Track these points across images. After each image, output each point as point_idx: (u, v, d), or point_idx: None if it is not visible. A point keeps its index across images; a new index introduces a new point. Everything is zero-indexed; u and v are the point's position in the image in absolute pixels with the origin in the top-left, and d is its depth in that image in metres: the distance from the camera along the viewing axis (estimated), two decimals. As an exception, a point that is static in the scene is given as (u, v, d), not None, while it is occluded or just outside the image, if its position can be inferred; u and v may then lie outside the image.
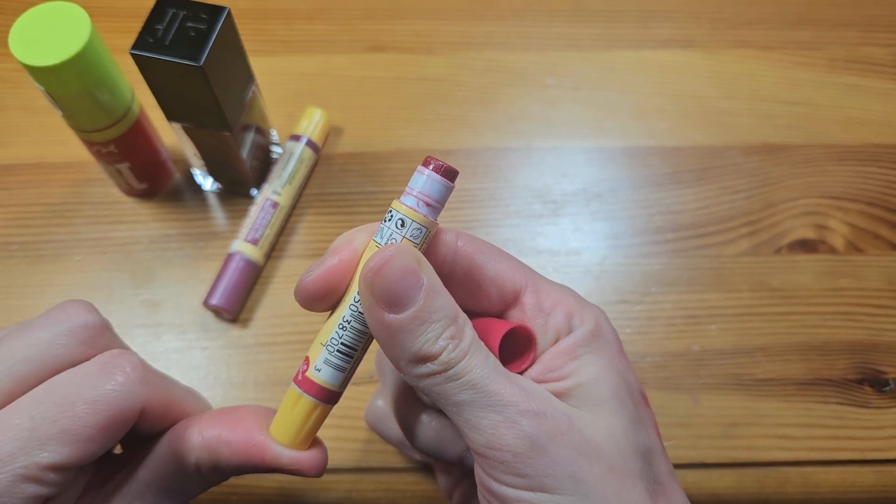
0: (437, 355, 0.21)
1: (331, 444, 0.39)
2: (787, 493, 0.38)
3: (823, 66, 0.51)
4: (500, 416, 0.21)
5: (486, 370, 0.21)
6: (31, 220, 0.45)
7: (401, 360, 0.21)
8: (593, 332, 0.24)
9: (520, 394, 0.21)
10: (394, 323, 0.21)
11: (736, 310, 0.42)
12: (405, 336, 0.21)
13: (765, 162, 0.47)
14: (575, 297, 0.25)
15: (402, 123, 0.48)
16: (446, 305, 0.21)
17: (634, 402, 0.23)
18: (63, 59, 0.34)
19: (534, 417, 0.21)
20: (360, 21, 0.52)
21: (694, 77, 0.50)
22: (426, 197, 0.22)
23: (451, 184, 0.22)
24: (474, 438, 0.21)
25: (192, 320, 0.42)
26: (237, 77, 0.38)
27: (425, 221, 0.22)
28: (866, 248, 0.44)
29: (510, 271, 0.24)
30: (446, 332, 0.21)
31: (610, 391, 0.22)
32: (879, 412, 0.40)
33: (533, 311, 0.24)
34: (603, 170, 0.47)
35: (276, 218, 0.43)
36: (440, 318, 0.21)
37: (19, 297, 0.42)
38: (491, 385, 0.21)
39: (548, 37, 0.52)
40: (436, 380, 0.21)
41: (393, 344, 0.21)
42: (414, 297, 0.21)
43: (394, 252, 0.21)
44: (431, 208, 0.22)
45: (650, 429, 0.23)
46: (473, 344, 0.21)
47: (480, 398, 0.21)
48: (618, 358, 0.24)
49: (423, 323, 0.21)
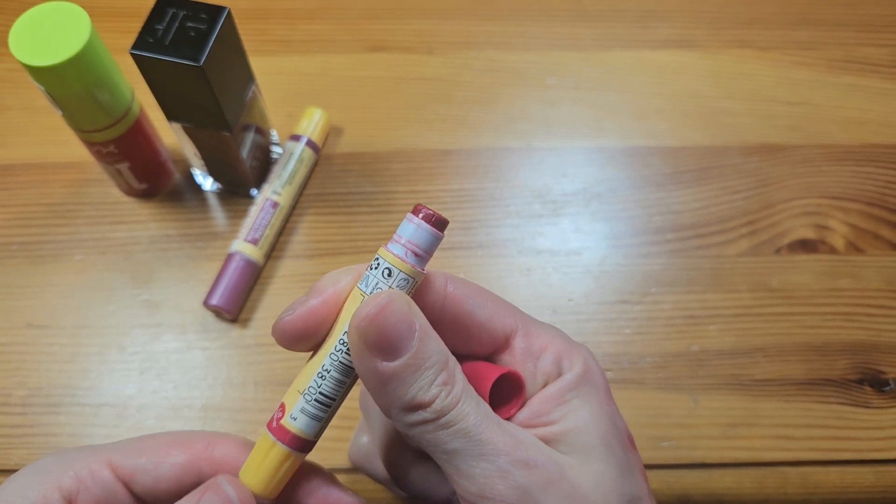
0: (431, 402, 0.20)
1: (330, 444, 0.39)
2: (787, 493, 0.38)
3: (823, 67, 0.51)
4: (492, 465, 0.20)
5: (477, 417, 0.21)
6: (31, 220, 0.45)
7: (392, 409, 0.21)
8: (582, 377, 0.23)
9: (511, 442, 0.21)
10: (387, 371, 0.20)
11: (735, 310, 0.42)
12: (399, 384, 0.20)
13: (764, 162, 0.47)
14: (564, 339, 0.25)
15: (402, 123, 0.48)
16: (438, 349, 0.21)
17: (623, 448, 0.23)
18: (63, 59, 0.34)
19: (525, 467, 0.20)
20: (360, 21, 0.52)
21: (694, 77, 0.50)
22: (414, 247, 0.21)
23: (440, 234, 0.22)
24: (465, 487, 0.21)
25: (192, 320, 0.42)
26: (237, 77, 0.38)
27: (412, 272, 0.21)
28: (866, 248, 0.44)
29: (499, 315, 0.24)
30: (439, 378, 0.20)
31: (599, 438, 0.22)
32: (879, 412, 0.40)
33: (522, 354, 0.24)
34: (603, 170, 0.47)
35: (276, 218, 0.43)
36: (433, 363, 0.21)
37: (19, 297, 0.42)
38: (483, 433, 0.20)
39: (548, 37, 0.52)
40: (427, 427, 0.21)
41: (385, 392, 0.21)
42: (408, 344, 0.20)
43: (387, 299, 0.20)
44: (419, 258, 0.21)
45: (637, 475, 0.23)
46: (465, 389, 0.21)
47: (472, 447, 0.20)
48: (605, 402, 0.24)
49: (416, 370, 0.20)
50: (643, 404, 0.40)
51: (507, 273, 0.43)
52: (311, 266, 0.44)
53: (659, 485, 0.38)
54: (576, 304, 0.43)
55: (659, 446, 0.39)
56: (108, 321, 0.42)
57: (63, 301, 0.42)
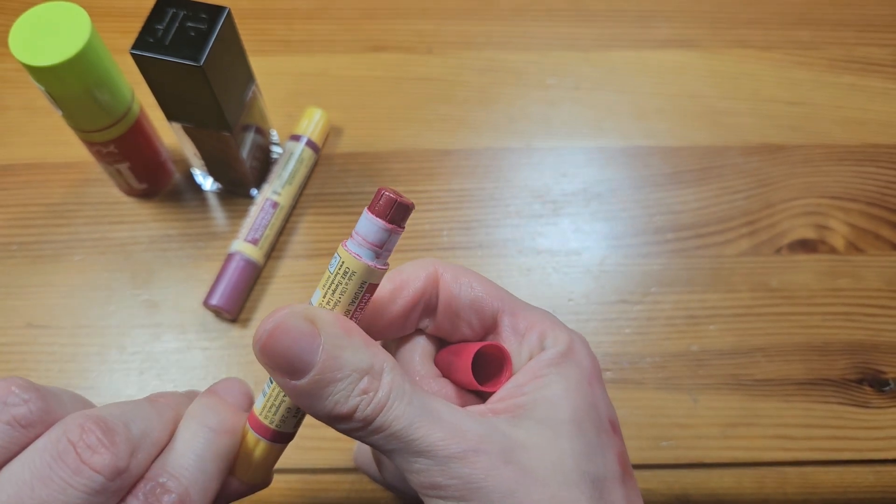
0: (351, 414, 0.20)
1: (330, 444, 0.39)
2: (787, 493, 0.38)
3: (823, 66, 0.51)
4: (430, 460, 0.20)
5: (409, 418, 0.20)
6: (31, 220, 0.45)
7: (319, 418, 0.21)
8: (563, 354, 0.23)
9: (450, 435, 0.20)
10: (297, 388, 0.20)
11: (735, 310, 0.42)
12: (313, 399, 0.20)
13: (764, 162, 0.47)
14: (551, 319, 0.25)
15: (402, 123, 0.48)
16: (354, 359, 0.20)
17: (596, 428, 0.23)
18: (63, 59, 0.34)
19: (463, 457, 0.20)
20: (360, 21, 0.52)
21: (694, 77, 0.50)
22: (360, 237, 0.21)
23: (383, 223, 0.20)
24: (412, 479, 0.21)
25: (192, 320, 0.42)
26: (237, 77, 0.38)
27: (347, 256, 0.21)
28: (866, 248, 0.44)
29: (487, 297, 0.24)
30: (357, 388, 0.20)
31: (569, 413, 0.22)
32: (879, 412, 0.40)
33: (509, 333, 0.24)
34: (603, 170, 0.47)
35: (276, 218, 0.43)
36: (346, 374, 0.20)
37: (19, 296, 0.42)
38: (415, 433, 0.20)
39: (548, 37, 0.52)
40: (360, 434, 0.21)
41: (305, 406, 0.21)
42: (310, 360, 0.20)
43: (281, 317, 0.20)
44: (361, 246, 0.21)
45: (609, 456, 0.23)
46: (393, 391, 0.20)
47: (407, 446, 0.20)
48: (587, 382, 0.23)
49: (326, 385, 0.20)
50: (643, 404, 0.40)
51: (507, 273, 0.43)
52: (311, 266, 0.44)
53: (659, 485, 0.38)
54: (576, 304, 0.43)
55: (659, 446, 0.39)
56: (108, 321, 0.42)
57: (63, 301, 0.42)
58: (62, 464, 0.19)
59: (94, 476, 0.19)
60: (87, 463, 0.19)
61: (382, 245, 0.21)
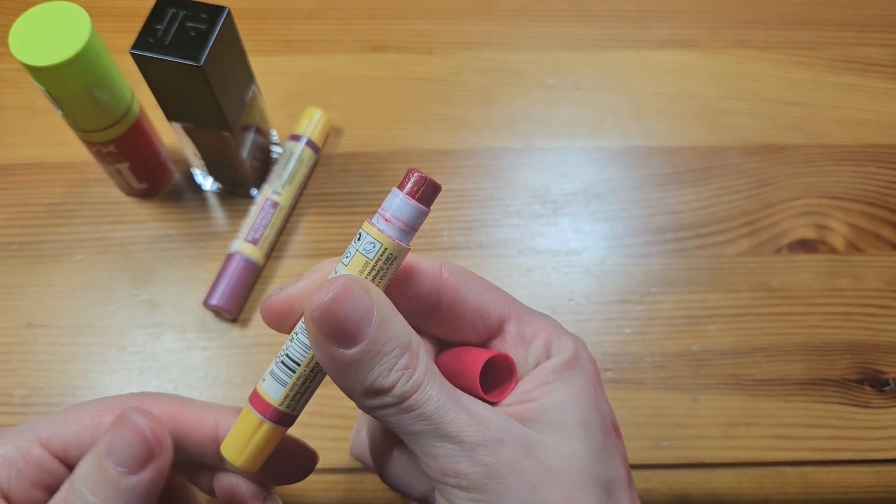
0: (391, 388, 0.20)
1: (330, 444, 0.39)
2: (787, 493, 0.38)
3: (823, 66, 0.51)
4: (455, 445, 0.20)
5: (440, 400, 0.20)
6: (31, 220, 0.45)
7: (353, 393, 0.21)
8: (569, 361, 0.23)
9: (476, 423, 0.21)
10: (344, 358, 0.20)
11: (736, 310, 0.42)
12: (357, 370, 0.20)
13: (764, 162, 0.47)
14: (555, 326, 0.25)
15: (402, 123, 0.48)
16: (399, 333, 0.21)
17: (603, 432, 0.23)
18: (63, 59, 0.34)
19: (489, 446, 0.20)
20: (360, 21, 0.52)
21: (694, 77, 0.50)
22: (387, 213, 0.21)
23: (417, 204, 0.21)
24: (430, 466, 0.21)
25: (192, 320, 0.42)
26: (237, 77, 0.38)
27: (380, 237, 0.21)
28: (866, 248, 0.44)
29: (493, 302, 0.24)
30: (399, 363, 0.20)
31: (576, 417, 0.22)
32: (879, 412, 0.40)
33: (515, 340, 0.24)
34: (603, 170, 0.47)
35: (276, 218, 0.43)
36: (393, 347, 0.20)
37: (19, 296, 0.42)
38: (446, 416, 0.20)
39: (548, 37, 0.52)
40: (389, 411, 0.21)
41: (345, 378, 0.21)
42: (365, 330, 0.20)
43: (341, 286, 0.20)
44: (391, 224, 0.21)
45: (616, 460, 0.23)
46: (428, 372, 0.21)
47: (435, 428, 0.20)
48: (591, 387, 0.23)
49: (375, 356, 0.20)
50: (643, 404, 0.40)
51: (507, 273, 0.43)
52: (311, 266, 0.43)
53: (659, 485, 0.38)
54: (576, 304, 0.43)
55: (659, 446, 0.39)
56: (108, 321, 0.42)
57: (63, 301, 0.42)
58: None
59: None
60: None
61: (416, 226, 0.21)
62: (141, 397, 0.24)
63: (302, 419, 0.24)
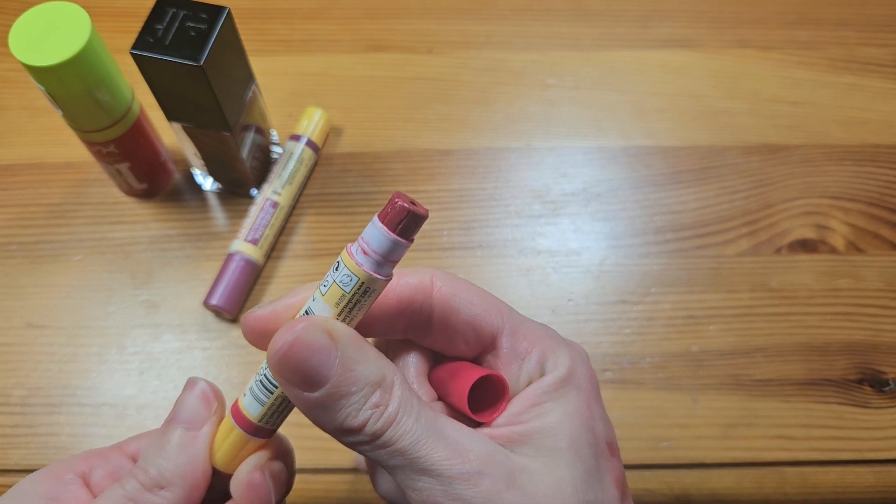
0: (361, 427, 0.20)
1: (330, 444, 0.39)
2: (787, 493, 0.38)
3: (823, 66, 0.51)
4: (433, 479, 0.20)
5: (415, 435, 0.20)
6: (31, 220, 0.45)
7: (326, 430, 0.21)
8: (563, 379, 0.23)
9: (455, 454, 0.20)
10: (309, 400, 0.20)
11: (735, 310, 0.42)
12: (324, 411, 0.20)
13: (764, 162, 0.47)
14: (553, 338, 0.24)
15: (402, 123, 0.48)
16: (367, 372, 0.20)
17: (595, 454, 0.22)
18: (63, 59, 0.34)
19: (468, 479, 0.20)
20: (360, 21, 0.52)
21: (694, 77, 0.50)
22: (365, 244, 0.20)
23: (393, 236, 0.20)
24: (413, 497, 0.21)
25: (192, 320, 0.42)
26: (237, 77, 0.38)
27: (357, 270, 0.20)
28: (866, 248, 0.44)
29: (487, 314, 0.23)
30: (369, 402, 0.20)
31: (567, 441, 0.22)
32: (879, 412, 0.40)
33: (508, 355, 0.23)
34: (603, 170, 0.47)
35: (276, 218, 0.43)
36: (360, 387, 0.20)
37: (19, 297, 0.42)
38: (421, 450, 0.20)
39: (548, 37, 0.52)
40: (364, 448, 0.21)
41: (314, 418, 0.21)
42: (327, 373, 0.20)
43: (299, 330, 0.20)
44: (368, 257, 0.20)
45: (607, 482, 0.23)
46: (402, 406, 0.20)
47: (411, 463, 0.20)
48: (586, 406, 0.23)
49: (340, 398, 0.20)
50: (643, 404, 0.40)
51: (507, 273, 0.43)
52: (311, 266, 0.44)
53: (659, 485, 0.38)
54: (576, 304, 0.43)
55: (659, 446, 0.39)
56: (108, 321, 0.42)
57: (63, 301, 0.42)
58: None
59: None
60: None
61: (396, 258, 0.21)
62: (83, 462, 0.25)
63: (302, 419, 0.24)
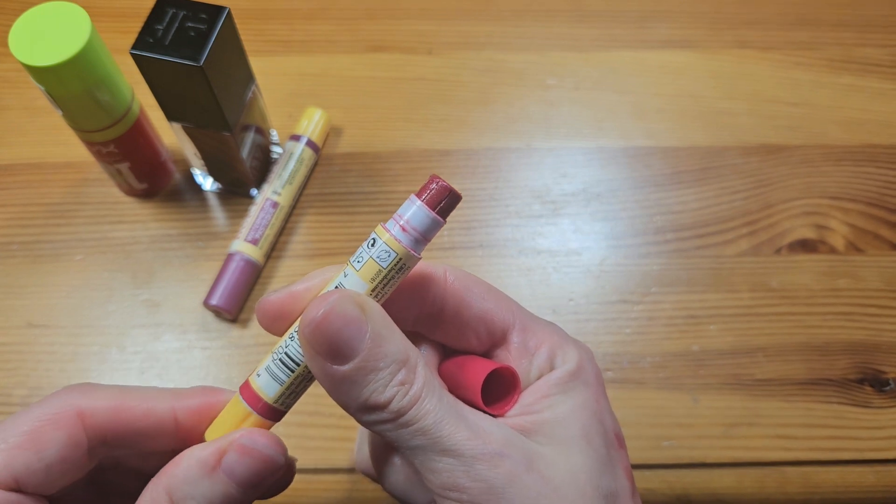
0: (387, 404, 0.20)
1: (330, 444, 0.39)
2: (788, 493, 0.38)
3: (822, 67, 0.51)
4: (454, 459, 0.20)
5: (438, 414, 0.20)
6: (31, 220, 0.45)
7: (350, 408, 0.21)
8: (573, 373, 0.23)
9: (475, 436, 0.20)
10: (337, 374, 0.20)
11: (736, 310, 0.42)
12: (351, 386, 0.20)
13: (764, 162, 0.47)
14: (561, 336, 0.24)
15: (402, 123, 0.48)
16: (394, 349, 0.20)
17: (606, 444, 0.23)
18: (63, 59, 0.34)
19: (489, 460, 0.20)
20: (360, 21, 0.52)
21: (693, 77, 0.50)
22: (405, 222, 0.21)
23: (433, 215, 0.21)
24: (432, 480, 0.21)
25: (192, 320, 0.42)
26: (237, 77, 0.38)
27: (395, 245, 0.21)
28: (866, 248, 0.44)
29: (498, 310, 0.24)
30: (395, 379, 0.20)
31: (579, 430, 0.22)
32: (879, 412, 0.40)
33: (518, 350, 0.24)
34: (603, 170, 0.47)
35: (276, 218, 0.43)
36: (388, 363, 0.20)
37: (19, 296, 0.42)
38: (444, 429, 0.20)
39: (548, 37, 0.52)
40: (387, 427, 0.21)
41: (339, 393, 0.21)
42: (357, 346, 0.20)
43: (334, 301, 0.20)
44: (407, 234, 0.21)
45: (619, 472, 0.23)
46: (426, 386, 0.21)
47: (434, 443, 0.20)
48: (595, 399, 0.23)
49: (368, 372, 0.20)
50: (643, 404, 0.40)
51: (507, 273, 0.43)
52: (311, 266, 0.44)
53: (659, 484, 0.38)
54: (576, 304, 0.43)
55: (659, 446, 0.39)
56: (108, 321, 0.42)
57: (63, 300, 0.42)
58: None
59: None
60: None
61: (431, 237, 0.21)
62: (79, 394, 0.23)
63: (302, 419, 0.24)
